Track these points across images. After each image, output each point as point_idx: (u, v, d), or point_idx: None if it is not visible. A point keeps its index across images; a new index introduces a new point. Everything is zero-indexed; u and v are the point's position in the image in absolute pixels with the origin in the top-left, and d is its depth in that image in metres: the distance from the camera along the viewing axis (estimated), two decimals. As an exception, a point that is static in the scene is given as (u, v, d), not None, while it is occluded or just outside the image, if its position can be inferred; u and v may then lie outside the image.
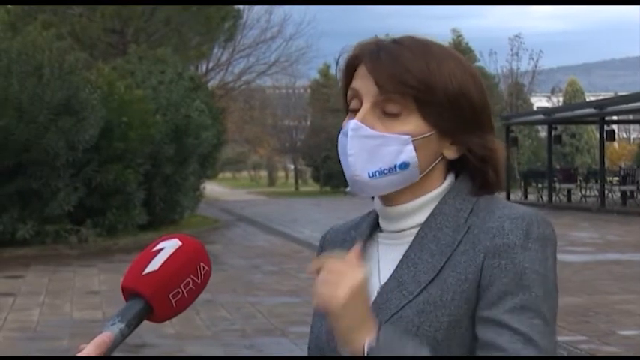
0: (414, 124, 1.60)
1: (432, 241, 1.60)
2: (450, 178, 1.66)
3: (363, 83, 1.63)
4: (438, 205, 1.63)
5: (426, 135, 1.60)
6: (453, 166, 1.67)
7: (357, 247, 1.57)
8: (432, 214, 1.63)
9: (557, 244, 1.59)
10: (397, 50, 1.62)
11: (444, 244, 1.59)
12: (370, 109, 1.61)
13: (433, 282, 1.56)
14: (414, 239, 1.62)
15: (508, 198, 33.35)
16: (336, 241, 1.77)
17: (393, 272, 1.61)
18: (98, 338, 1.45)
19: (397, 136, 1.59)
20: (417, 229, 1.63)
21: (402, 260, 1.61)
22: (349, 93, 1.66)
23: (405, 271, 1.60)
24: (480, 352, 1.52)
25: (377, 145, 1.59)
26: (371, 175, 1.60)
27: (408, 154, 1.59)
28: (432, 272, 1.57)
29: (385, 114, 1.61)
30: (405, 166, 1.60)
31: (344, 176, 1.63)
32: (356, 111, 1.63)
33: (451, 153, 1.64)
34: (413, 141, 1.59)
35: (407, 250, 1.62)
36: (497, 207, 1.61)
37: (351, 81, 1.67)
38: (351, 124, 1.60)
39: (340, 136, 1.63)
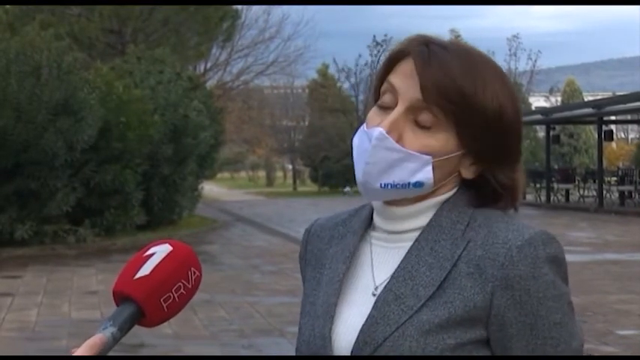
0: (443, 140, 1.53)
1: (429, 254, 1.54)
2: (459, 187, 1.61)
3: (404, 82, 1.54)
4: (434, 217, 1.57)
5: (452, 155, 1.54)
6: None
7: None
8: (429, 225, 1.57)
9: (564, 253, 1.56)
10: (447, 59, 1.53)
11: (442, 257, 1.53)
12: (403, 113, 1.53)
13: (434, 298, 1.51)
14: (409, 251, 1.56)
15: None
16: (322, 237, 1.71)
17: (388, 284, 1.55)
18: (90, 340, 1.45)
19: (419, 155, 1.52)
20: (414, 233, 1.58)
21: (396, 272, 1.55)
22: (384, 86, 1.57)
23: (401, 284, 1.54)
24: None
25: (397, 159, 1.52)
26: (383, 185, 1.54)
27: (426, 174, 1.53)
28: (431, 287, 1.52)
29: (417, 121, 1.53)
30: (419, 184, 1.54)
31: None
32: (385, 108, 1.56)
33: (468, 173, 1.58)
34: (435, 161, 1.53)
35: (402, 262, 1.56)
36: (496, 224, 1.55)
37: (388, 73, 1.58)
38: (376, 132, 1.52)
39: (361, 134, 1.57)
